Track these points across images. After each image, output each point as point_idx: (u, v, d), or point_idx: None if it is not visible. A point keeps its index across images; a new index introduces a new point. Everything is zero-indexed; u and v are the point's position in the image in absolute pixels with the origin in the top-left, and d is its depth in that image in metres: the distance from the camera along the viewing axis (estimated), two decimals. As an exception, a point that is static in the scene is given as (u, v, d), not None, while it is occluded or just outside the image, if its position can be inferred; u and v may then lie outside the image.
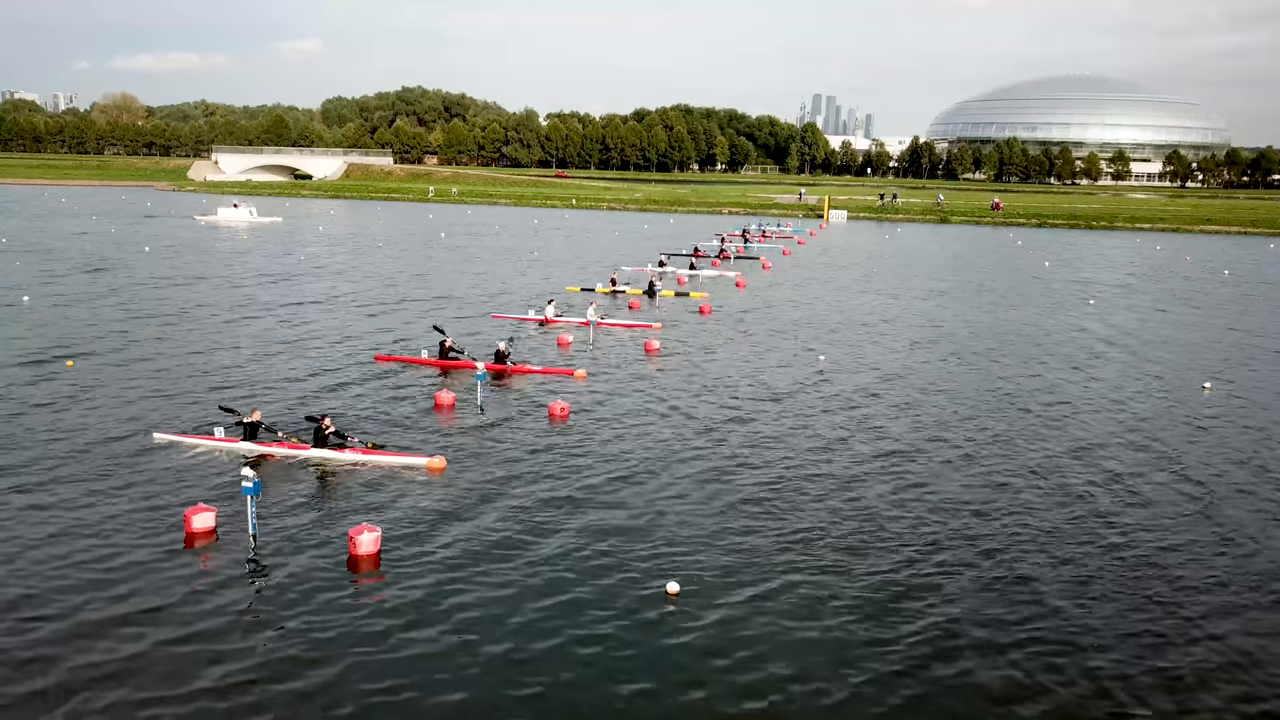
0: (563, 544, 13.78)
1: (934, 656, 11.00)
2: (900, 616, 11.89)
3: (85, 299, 34.19)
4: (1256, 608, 12.40)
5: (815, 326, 32.32)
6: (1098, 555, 13.84)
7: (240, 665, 10.50)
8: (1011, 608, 12.19)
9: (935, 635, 11.46)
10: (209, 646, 10.84)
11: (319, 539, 13.80)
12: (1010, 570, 13.28)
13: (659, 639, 11.24)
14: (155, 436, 17.99)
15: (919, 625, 11.67)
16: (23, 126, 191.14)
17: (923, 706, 10.08)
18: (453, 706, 9.89)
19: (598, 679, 10.44)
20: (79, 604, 11.71)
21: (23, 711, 9.61)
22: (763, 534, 14.29)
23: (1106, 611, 12.15)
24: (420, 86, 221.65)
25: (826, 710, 10.00)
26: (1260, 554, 14.03)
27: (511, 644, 11.05)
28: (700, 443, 18.69)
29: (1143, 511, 15.61)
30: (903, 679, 10.56)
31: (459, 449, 17.92)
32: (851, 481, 16.69)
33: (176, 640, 10.95)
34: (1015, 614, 12.02)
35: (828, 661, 10.86)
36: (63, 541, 13.44)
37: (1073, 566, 13.45)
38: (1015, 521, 15.05)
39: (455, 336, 26.32)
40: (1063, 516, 15.33)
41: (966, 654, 11.07)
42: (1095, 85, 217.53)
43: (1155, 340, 31.52)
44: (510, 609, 11.85)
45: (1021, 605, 12.26)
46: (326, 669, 10.47)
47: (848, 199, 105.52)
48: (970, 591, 12.60)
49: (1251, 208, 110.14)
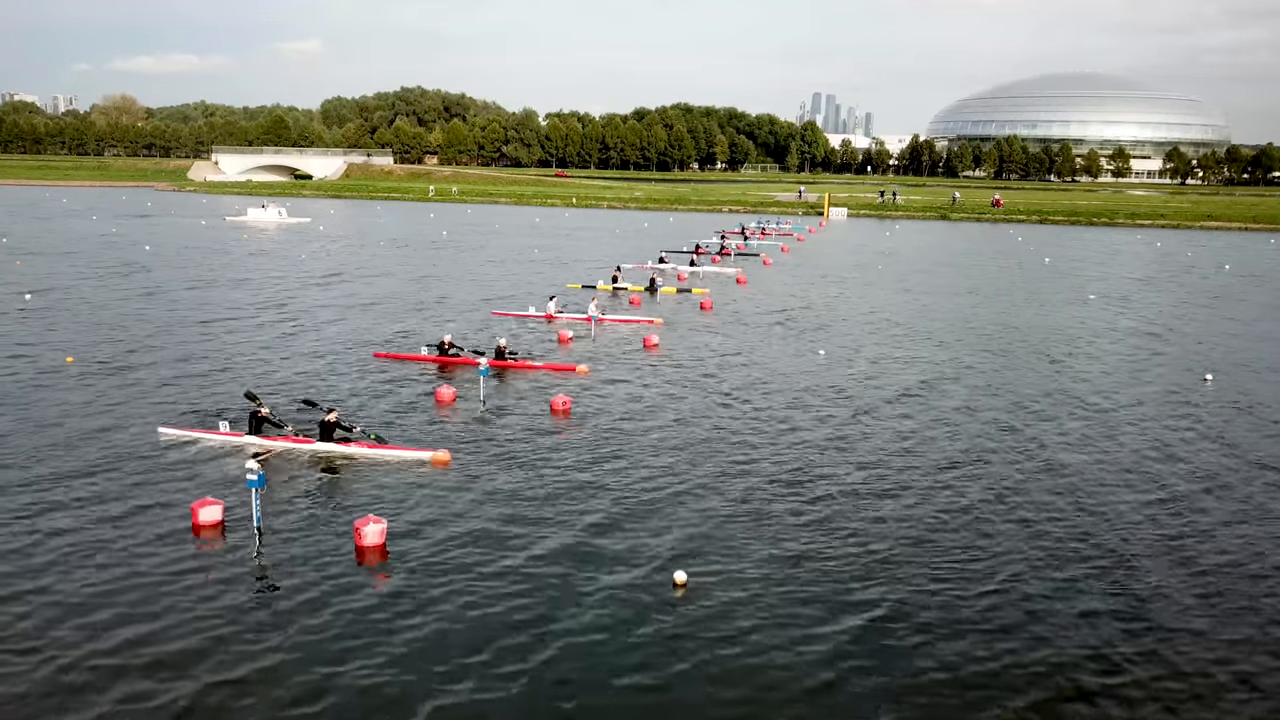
0: (568, 535, 13.83)
1: (939, 647, 11.04)
2: (905, 607, 11.93)
3: (88, 298, 34.24)
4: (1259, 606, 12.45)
5: (816, 322, 32.36)
6: (1098, 551, 13.89)
7: (248, 654, 10.54)
8: (1018, 601, 12.23)
9: (939, 628, 11.50)
10: (216, 636, 10.89)
11: (325, 531, 13.86)
12: (1014, 561, 13.32)
13: (667, 628, 11.28)
14: (161, 431, 18.06)
15: (923, 617, 11.71)
16: (22, 128, 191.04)
17: (931, 696, 10.12)
18: (460, 696, 9.93)
19: (606, 667, 10.48)
20: (85, 596, 11.76)
21: (26, 702, 9.66)
22: (768, 524, 14.34)
23: (1107, 607, 12.21)
24: (420, 86, 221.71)
25: (834, 699, 10.05)
26: (1262, 547, 14.08)
27: (518, 634, 11.09)
28: (701, 435, 18.74)
29: (1141, 504, 15.65)
30: (909, 668, 10.60)
31: (462, 443, 17.97)
32: (854, 473, 16.74)
33: (183, 631, 11.00)
34: (1019, 608, 12.06)
35: (836, 649, 10.90)
36: (69, 534, 13.49)
37: (1074, 565, 13.49)
38: (1016, 515, 15.09)
39: (455, 334, 26.38)
40: (1061, 511, 15.36)
41: (976, 646, 11.10)
42: (1095, 83, 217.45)
43: (1156, 334, 31.55)
44: (516, 599, 11.90)
45: (1025, 601, 12.30)
46: (334, 658, 10.52)
47: (848, 197, 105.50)
48: (980, 583, 12.65)
49: (1252, 204, 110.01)
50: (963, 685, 10.26)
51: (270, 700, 9.76)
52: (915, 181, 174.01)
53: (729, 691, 10.07)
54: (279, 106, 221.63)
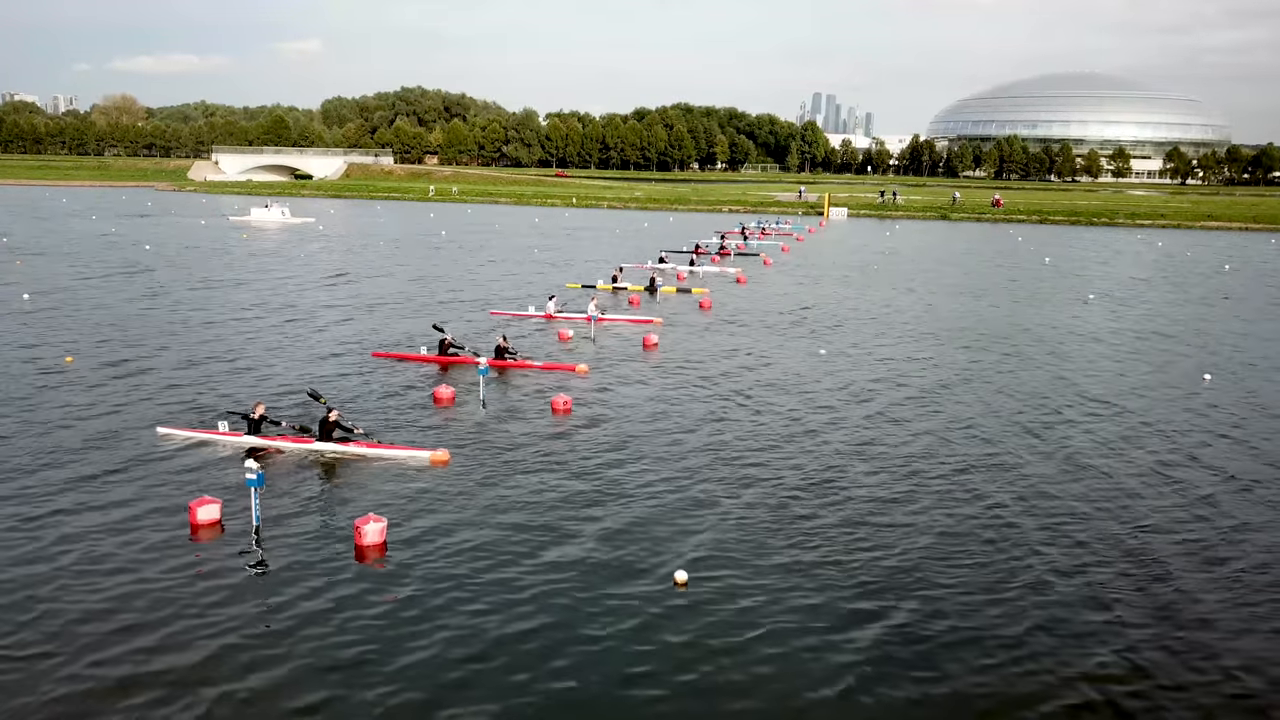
0: (568, 534, 13.82)
1: (943, 646, 11.02)
2: (906, 608, 11.92)
3: (88, 298, 34.23)
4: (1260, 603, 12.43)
5: (816, 321, 32.35)
6: (1097, 548, 13.87)
7: (247, 654, 10.52)
8: (1019, 599, 12.21)
9: (945, 626, 11.48)
10: (214, 636, 10.87)
11: (324, 529, 13.85)
12: (1017, 560, 13.31)
13: (668, 628, 11.26)
14: (159, 430, 18.04)
15: (925, 617, 11.70)
16: (23, 128, 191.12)
17: (934, 698, 10.10)
18: (459, 696, 9.91)
19: (606, 666, 10.46)
20: (82, 594, 11.75)
21: (24, 704, 9.64)
22: (768, 524, 14.32)
23: (1105, 604, 12.19)
24: (420, 86, 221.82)
25: (836, 699, 10.02)
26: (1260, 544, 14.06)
27: (518, 633, 11.08)
28: (701, 435, 18.73)
29: (1138, 502, 15.64)
30: (909, 668, 10.58)
31: (462, 443, 17.95)
32: (855, 473, 16.72)
33: (181, 630, 10.98)
34: (1022, 606, 12.05)
35: (837, 648, 10.88)
36: (66, 532, 13.47)
37: (1072, 563, 13.48)
38: (1017, 513, 15.08)
39: (455, 334, 26.37)
40: (1061, 508, 15.35)
41: (979, 647, 11.08)
42: (1095, 83, 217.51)
43: (1155, 333, 31.53)
44: (516, 598, 11.89)
45: (1027, 600, 12.29)
46: (332, 656, 10.50)
47: (848, 197, 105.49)
48: (981, 581, 12.63)
49: (1252, 204, 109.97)
50: (970, 689, 10.23)
51: (268, 699, 9.74)
52: (915, 181, 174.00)
53: (730, 689, 10.05)
54: (279, 106, 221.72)
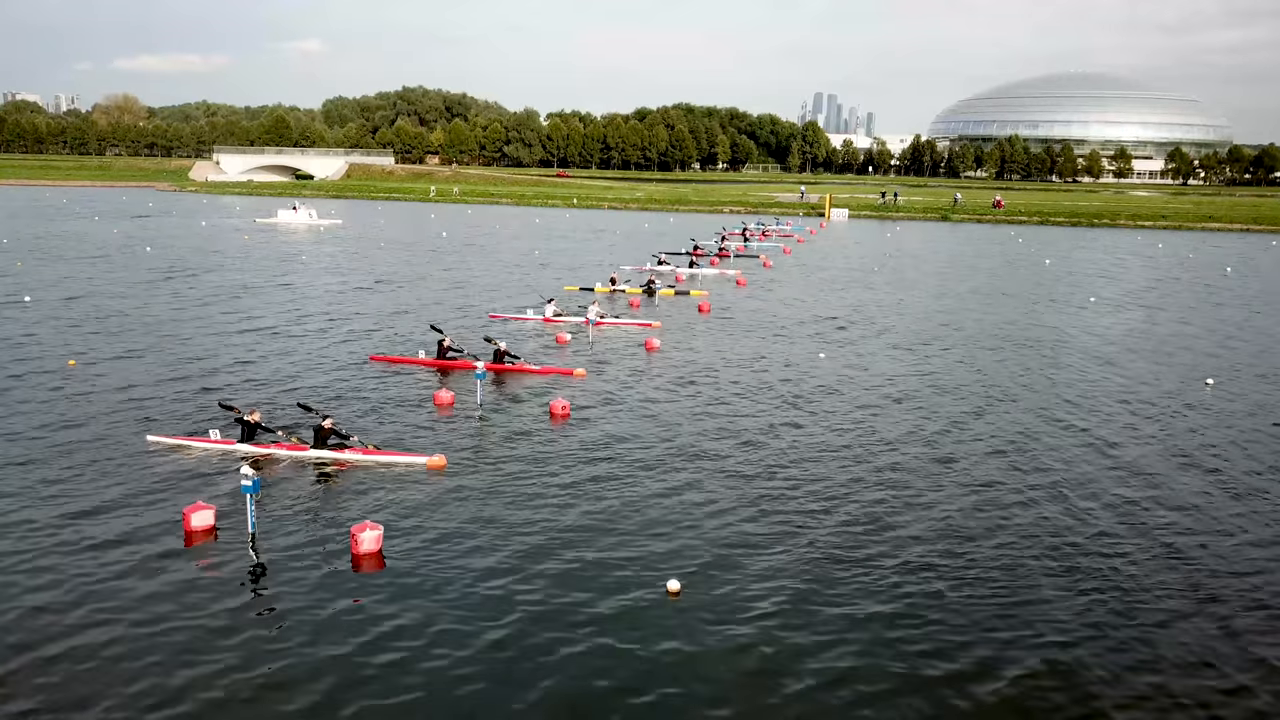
0: (564, 541, 13.77)
1: (936, 654, 10.98)
2: (901, 613, 11.87)
3: (88, 299, 34.20)
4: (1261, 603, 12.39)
5: (816, 324, 32.29)
6: (1098, 549, 13.82)
7: (242, 661, 10.49)
8: (1016, 604, 12.17)
9: (938, 633, 11.43)
10: (209, 643, 10.83)
11: (320, 537, 13.80)
12: (1015, 563, 13.25)
13: (660, 637, 11.22)
14: (150, 438, 17.87)
15: (920, 622, 11.65)
16: (24, 128, 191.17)
17: (931, 704, 10.06)
18: (455, 703, 9.88)
19: (599, 676, 10.42)
20: (75, 601, 11.71)
21: (17, 710, 9.60)
22: (765, 531, 14.27)
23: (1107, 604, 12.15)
24: (421, 86, 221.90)
25: (830, 708, 9.99)
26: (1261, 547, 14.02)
27: (513, 641, 11.04)
28: (700, 440, 18.67)
29: (1139, 505, 15.58)
30: (903, 676, 10.54)
31: (459, 448, 17.90)
32: (854, 478, 16.67)
33: (176, 638, 10.94)
34: (1019, 610, 12.00)
35: (830, 658, 10.84)
36: (60, 538, 13.43)
37: (1074, 561, 13.44)
38: (1017, 516, 15.02)
39: (454, 336, 26.32)
40: (1062, 511, 15.29)
41: (972, 652, 11.04)
42: (1097, 83, 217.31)
43: (1157, 337, 31.46)
44: (512, 605, 11.84)
45: (1025, 602, 12.24)
46: (328, 664, 10.46)
47: (849, 197, 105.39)
48: (976, 587, 12.58)
49: (1254, 205, 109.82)
50: (963, 695, 10.19)
51: (264, 706, 9.70)
52: (917, 182, 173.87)
53: (723, 699, 10.00)
54: (280, 106, 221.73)
